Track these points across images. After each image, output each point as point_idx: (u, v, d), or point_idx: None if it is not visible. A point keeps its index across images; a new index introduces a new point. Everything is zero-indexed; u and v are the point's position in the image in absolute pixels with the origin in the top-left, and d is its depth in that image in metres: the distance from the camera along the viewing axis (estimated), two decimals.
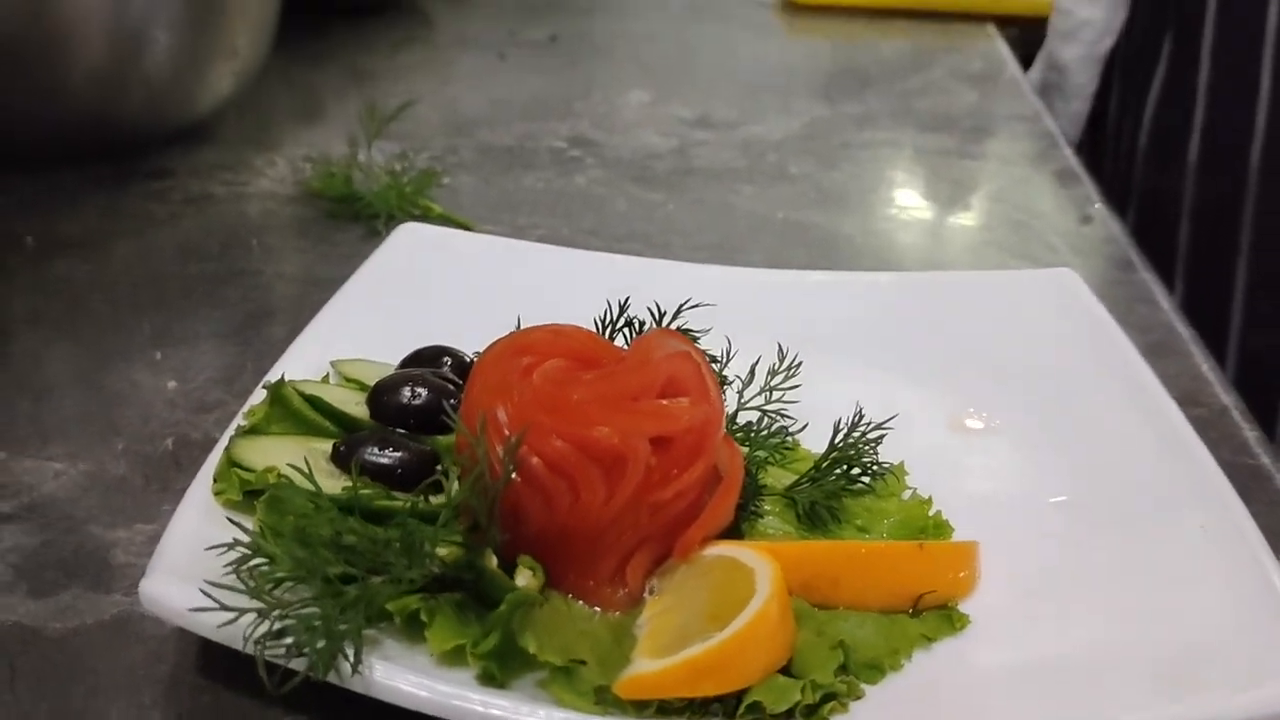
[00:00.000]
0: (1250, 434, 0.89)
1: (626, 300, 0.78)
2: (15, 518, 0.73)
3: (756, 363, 0.80)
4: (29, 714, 0.59)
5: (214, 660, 0.62)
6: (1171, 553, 0.68)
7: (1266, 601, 0.63)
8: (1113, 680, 0.60)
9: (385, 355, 0.82)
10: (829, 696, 0.57)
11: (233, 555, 0.58)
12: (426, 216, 1.16)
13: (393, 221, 1.15)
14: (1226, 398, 0.94)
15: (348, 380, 0.79)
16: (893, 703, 0.59)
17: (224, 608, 0.54)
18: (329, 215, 1.18)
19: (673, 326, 0.79)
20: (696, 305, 0.79)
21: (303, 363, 0.80)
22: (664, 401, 0.64)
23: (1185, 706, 0.56)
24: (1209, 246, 1.57)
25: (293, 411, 0.74)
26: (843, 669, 0.59)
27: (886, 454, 0.74)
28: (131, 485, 0.77)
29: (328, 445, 0.70)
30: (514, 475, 0.61)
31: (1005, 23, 2.07)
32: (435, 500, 0.66)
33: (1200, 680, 0.58)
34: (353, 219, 1.17)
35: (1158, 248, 1.44)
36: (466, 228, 1.16)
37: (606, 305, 0.78)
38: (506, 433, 0.63)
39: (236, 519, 0.65)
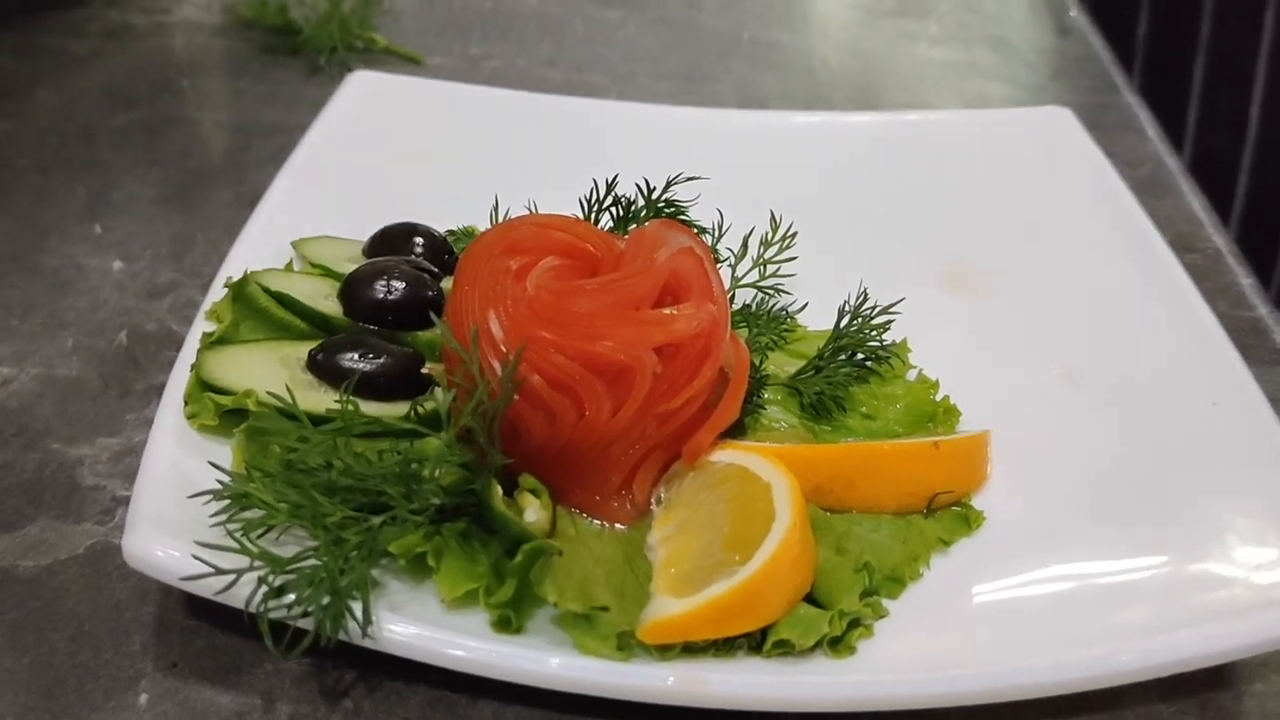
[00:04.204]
0: (1246, 281, 0.87)
1: (614, 179, 0.72)
2: None
3: (749, 234, 0.75)
4: (10, 670, 0.55)
5: (203, 598, 0.58)
6: (1184, 436, 0.67)
7: None
8: (1132, 589, 0.58)
9: (348, 227, 0.77)
10: (855, 623, 0.55)
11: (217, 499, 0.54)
12: (371, 49, 1.08)
13: (335, 55, 1.06)
14: (1219, 239, 0.91)
15: (313, 266, 0.73)
16: (915, 618, 0.57)
17: (220, 571, 0.51)
18: (265, 50, 1.09)
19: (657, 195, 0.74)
20: (685, 179, 0.74)
21: (260, 245, 0.75)
22: (669, 310, 0.60)
23: (1207, 630, 0.54)
24: (1169, 38, 1.51)
25: (259, 310, 0.68)
26: (866, 590, 0.56)
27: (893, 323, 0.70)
28: (88, 389, 0.71)
29: (301, 350, 0.65)
30: (514, 395, 0.57)
31: None
32: (425, 408, 0.62)
33: (1224, 594, 0.57)
34: (291, 53, 1.08)
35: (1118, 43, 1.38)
36: (415, 61, 1.08)
37: (592, 183, 0.72)
38: (503, 348, 0.58)
39: (215, 444, 0.61)
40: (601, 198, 0.73)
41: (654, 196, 0.74)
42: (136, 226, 0.85)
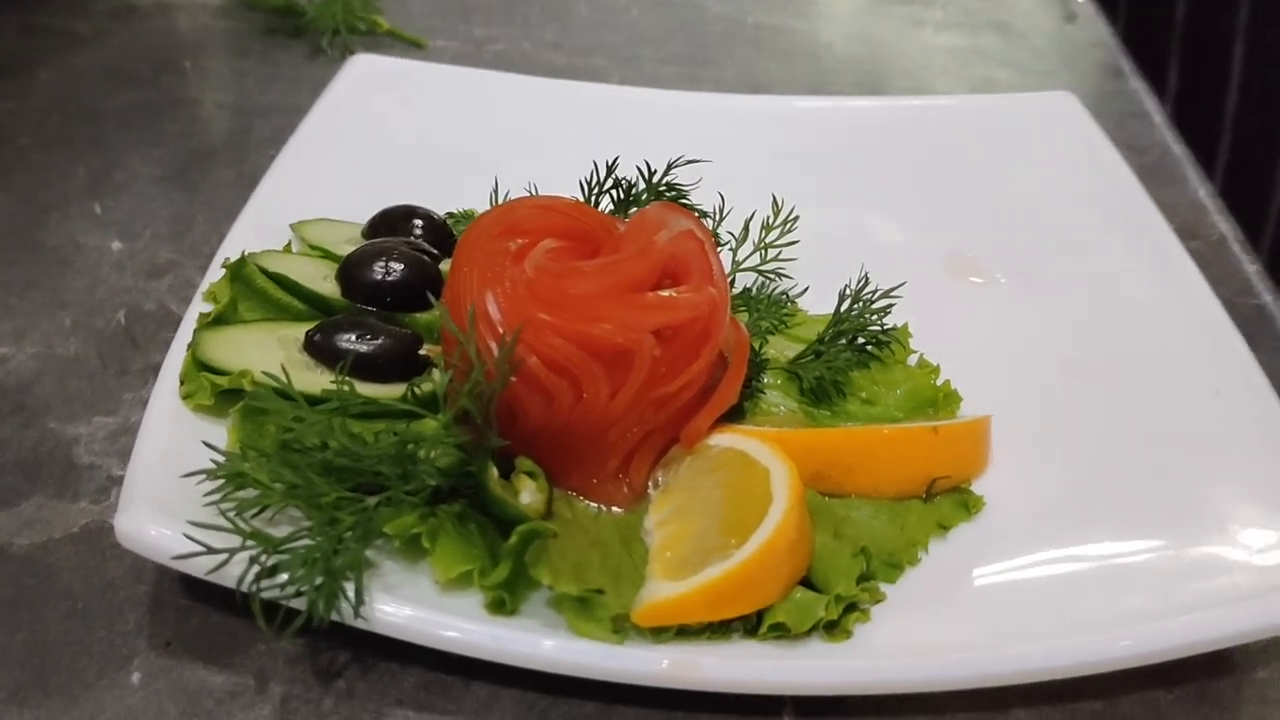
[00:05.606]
0: (1251, 268, 0.86)
1: (614, 161, 0.72)
2: None
3: (750, 217, 0.75)
4: (3, 647, 0.55)
5: (199, 578, 0.58)
6: (1186, 422, 0.66)
7: None
8: (1131, 575, 0.58)
9: (348, 210, 0.76)
10: (851, 607, 0.55)
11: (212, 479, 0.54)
12: (375, 32, 1.07)
13: (338, 38, 1.06)
14: (1225, 226, 0.91)
15: (311, 248, 0.73)
16: (913, 603, 0.57)
17: (211, 550, 0.50)
18: (267, 31, 1.09)
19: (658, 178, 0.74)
20: (686, 163, 0.73)
21: (259, 226, 0.74)
22: (668, 292, 0.60)
23: (1204, 615, 0.54)
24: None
25: (257, 291, 0.68)
26: (864, 574, 0.56)
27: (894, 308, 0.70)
28: (86, 367, 0.71)
29: (299, 330, 0.65)
30: (511, 377, 0.57)
31: None
32: (423, 390, 0.62)
33: (1222, 581, 0.56)
34: (294, 35, 1.08)
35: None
36: (418, 45, 1.08)
37: (593, 166, 0.72)
38: (500, 330, 0.58)
39: (211, 424, 0.61)
40: (601, 180, 0.72)
41: (655, 180, 0.73)
42: (137, 206, 0.85)
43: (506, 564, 0.53)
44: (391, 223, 0.74)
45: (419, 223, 0.74)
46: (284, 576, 0.51)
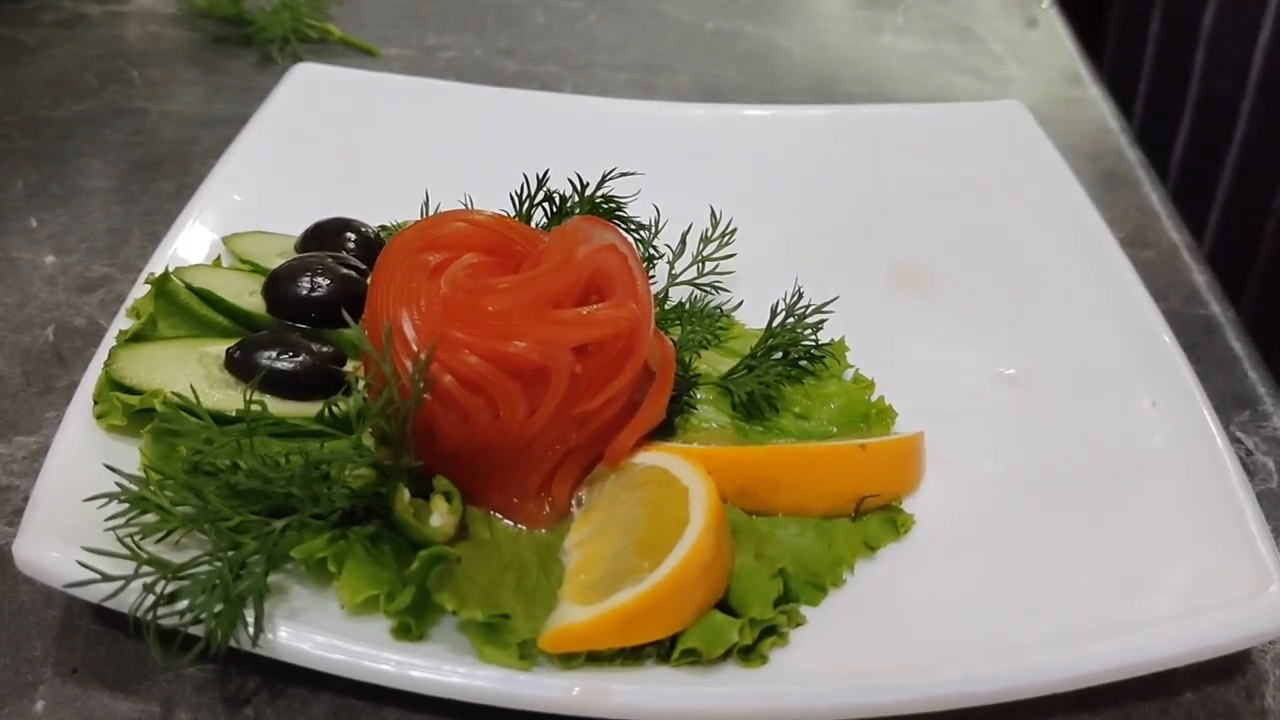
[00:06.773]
0: (1201, 278, 0.85)
1: (545, 173, 0.71)
2: None
3: (688, 230, 0.74)
4: None
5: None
6: (1121, 438, 0.65)
7: (1218, 501, 0.60)
8: (1061, 595, 0.57)
9: (286, 222, 0.75)
10: (769, 631, 0.54)
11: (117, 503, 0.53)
12: (327, 40, 1.06)
13: (288, 46, 1.05)
14: (1176, 235, 0.90)
15: (242, 261, 0.72)
16: (835, 626, 0.56)
17: (106, 578, 0.49)
18: (217, 40, 1.08)
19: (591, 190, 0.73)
20: (620, 175, 0.72)
21: (193, 239, 0.73)
22: (586, 310, 0.58)
23: (1136, 636, 0.53)
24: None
25: (181, 307, 0.67)
26: (783, 597, 0.55)
27: (827, 321, 0.69)
28: (10, 385, 0.70)
29: (221, 347, 0.64)
30: (425, 395, 0.56)
31: None
32: (342, 407, 0.60)
33: (1151, 602, 0.56)
34: (244, 44, 1.07)
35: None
36: (370, 52, 1.07)
37: (523, 179, 0.71)
38: (415, 348, 0.57)
39: (125, 444, 0.59)
40: (533, 193, 0.71)
41: (589, 192, 0.72)
42: (74, 219, 0.84)
43: (410, 589, 0.52)
44: (324, 236, 0.73)
45: (351, 236, 0.73)
46: (184, 603, 0.50)
